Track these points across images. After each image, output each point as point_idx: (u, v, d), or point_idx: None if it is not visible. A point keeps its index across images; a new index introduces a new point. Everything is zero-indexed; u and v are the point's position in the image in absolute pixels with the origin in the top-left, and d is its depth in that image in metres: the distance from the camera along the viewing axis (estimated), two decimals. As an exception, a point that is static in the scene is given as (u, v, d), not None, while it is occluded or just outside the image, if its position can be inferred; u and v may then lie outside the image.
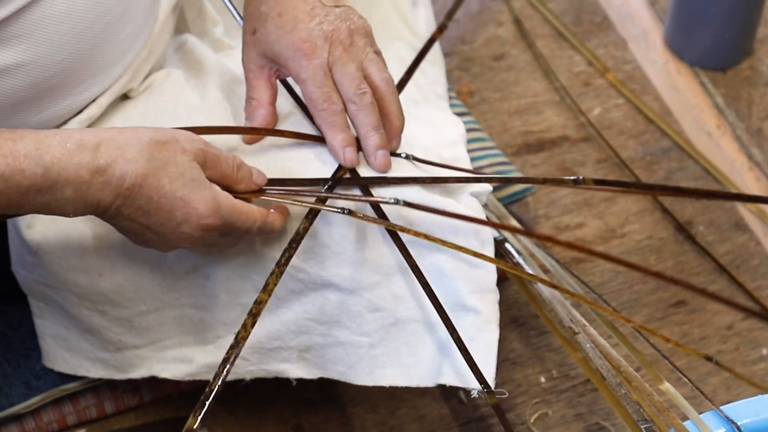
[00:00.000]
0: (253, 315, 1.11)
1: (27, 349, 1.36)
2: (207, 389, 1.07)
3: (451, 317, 1.17)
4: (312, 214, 1.15)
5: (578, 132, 1.66)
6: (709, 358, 1.23)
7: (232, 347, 1.09)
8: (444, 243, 1.14)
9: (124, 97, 1.25)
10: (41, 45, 1.10)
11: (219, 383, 1.08)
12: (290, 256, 1.13)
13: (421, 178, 1.17)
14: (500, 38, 1.77)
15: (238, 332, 1.10)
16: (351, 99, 1.16)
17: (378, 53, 1.19)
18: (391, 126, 1.19)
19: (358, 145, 1.18)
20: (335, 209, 1.13)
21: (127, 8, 1.17)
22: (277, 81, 1.21)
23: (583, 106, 1.69)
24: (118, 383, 1.36)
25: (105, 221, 1.09)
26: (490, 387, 1.14)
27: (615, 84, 1.72)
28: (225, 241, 1.13)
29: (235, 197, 1.11)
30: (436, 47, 1.43)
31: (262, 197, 1.13)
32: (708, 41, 1.73)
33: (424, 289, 1.15)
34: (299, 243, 1.14)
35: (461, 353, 1.14)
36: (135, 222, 1.07)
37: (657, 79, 1.74)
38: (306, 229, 1.14)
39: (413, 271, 1.15)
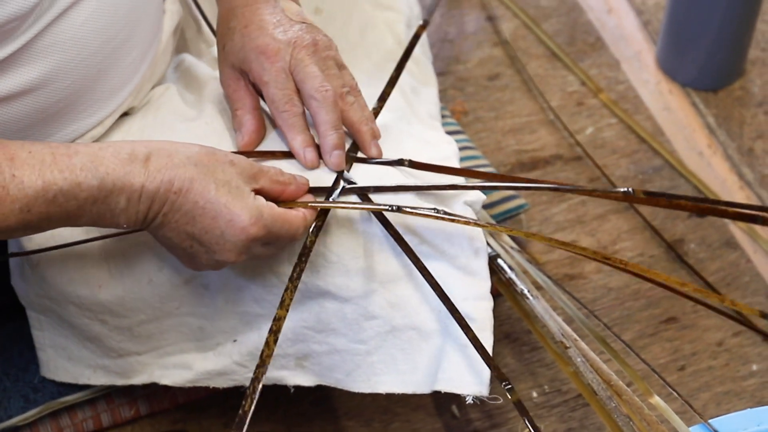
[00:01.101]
0: (274, 332, 1.11)
1: (26, 363, 1.37)
2: (241, 411, 1.07)
3: (446, 324, 1.18)
4: (317, 228, 1.16)
5: (571, 151, 1.68)
6: (764, 315, 1.23)
7: (258, 366, 1.09)
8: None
9: (124, 113, 1.27)
10: (49, 71, 1.11)
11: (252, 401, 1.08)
12: (302, 270, 1.14)
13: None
14: (495, 58, 1.79)
15: (263, 351, 1.10)
16: (312, 95, 1.18)
17: (342, 67, 1.21)
18: (359, 134, 1.21)
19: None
20: (386, 207, 1.15)
21: (133, 33, 1.19)
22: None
23: (576, 125, 1.70)
24: (115, 396, 1.37)
25: (154, 235, 1.11)
26: (504, 374, 1.14)
27: (608, 104, 1.74)
28: (267, 251, 1.14)
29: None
30: (429, 68, 1.44)
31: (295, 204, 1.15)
32: (700, 62, 1.74)
33: (432, 287, 1.16)
34: (308, 257, 1.15)
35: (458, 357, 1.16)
36: (181, 231, 1.09)
37: (649, 99, 1.75)
38: (313, 242, 1.15)
39: (420, 272, 1.16)
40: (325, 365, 1.23)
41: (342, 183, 1.19)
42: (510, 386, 1.14)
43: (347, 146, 1.21)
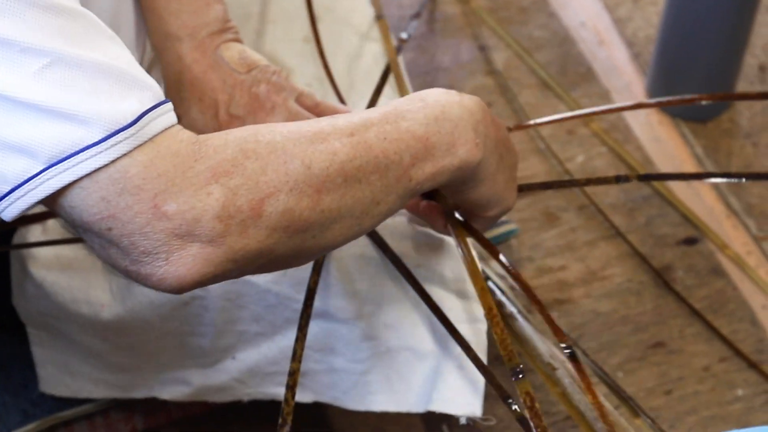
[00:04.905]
0: (291, 387, 1.11)
1: (25, 378, 1.38)
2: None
3: (440, 345, 1.20)
4: (318, 266, 1.18)
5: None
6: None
7: (280, 426, 1.09)
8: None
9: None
10: None
11: None
12: (309, 315, 1.15)
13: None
14: (487, 87, 1.81)
15: (283, 408, 1.09)
16: None
17: (303, 94, 1.18)
18: None
19: None
20: None
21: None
22: None
23: (566, 153, 1.73)
24: (112, 411, 1.38)
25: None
26: (506, 391, 1.16)
27: (598, 133, 1.76)
28: None
29: None
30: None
31: None
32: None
33: (431, 309, 1.18)
34: (312, 299, 1.16)
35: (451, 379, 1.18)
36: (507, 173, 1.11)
37: (639, 130, 1.77)
38: (316, 283, 1.17)
39: (419, 294, 1.18)
40: (322, 383, 1.25)
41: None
42: (515, 405, 1.16)
43: None
